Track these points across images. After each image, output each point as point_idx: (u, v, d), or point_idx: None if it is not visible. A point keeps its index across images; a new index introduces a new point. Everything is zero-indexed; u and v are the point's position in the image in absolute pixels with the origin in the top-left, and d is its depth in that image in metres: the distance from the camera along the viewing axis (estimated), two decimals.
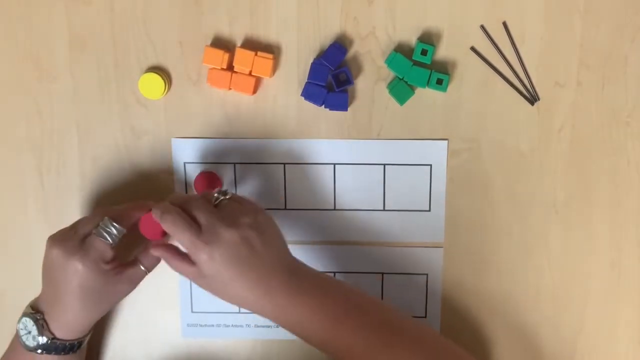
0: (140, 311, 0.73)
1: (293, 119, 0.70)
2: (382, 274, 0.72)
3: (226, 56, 0.67)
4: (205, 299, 0.72)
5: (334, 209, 0.71)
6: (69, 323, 0.64)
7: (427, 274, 0.72)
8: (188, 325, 0.73)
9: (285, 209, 0.71)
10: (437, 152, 0.70)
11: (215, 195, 0.62)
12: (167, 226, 0.60)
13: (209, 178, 0.70)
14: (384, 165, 0.70)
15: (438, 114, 0.69)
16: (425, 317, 0.72)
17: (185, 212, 0.60)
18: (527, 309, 0.72)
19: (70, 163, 0.71)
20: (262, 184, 0.71)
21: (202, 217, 0.59)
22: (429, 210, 0.71)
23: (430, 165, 0.70)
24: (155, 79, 0.67)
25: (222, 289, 0.60)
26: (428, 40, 0.68)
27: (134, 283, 0.65)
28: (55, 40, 0.69)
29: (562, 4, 0.67)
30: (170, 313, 0.73)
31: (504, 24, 0.68)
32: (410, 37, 0.68)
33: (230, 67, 0.68)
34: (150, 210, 0.62)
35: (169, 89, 0.69)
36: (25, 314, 0.65)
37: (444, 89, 0.67)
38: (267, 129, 0.70)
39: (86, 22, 0.69)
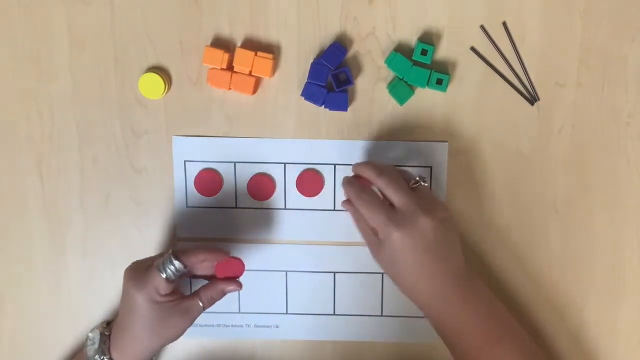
0: None
1: (293, 119, 0.70)
2: (382, 274, 0.72)
3: (226, 56, 0.67)
4: None
5: (334, 210, 0.71)
6: (126, 349, 0.64)
7: None
8: None
9: (285, 208, 0.71)
10: (437, 154, 0.70)
11: (417, 178, 0.63)
12: (361, 205, 0.62)
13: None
14: None
15: (438, 114, 0.69)
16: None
17: (377, 186, 0.63)
18: (527, 309, 0.72)
19: (70, 163, 0.71)
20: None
21: (398, 199, 0.61)
22: None
23: (431, 167, 0.70)
24: (155, 79, 0.67)
25: (402, 273, 0.61)
26: (428, 40, 0.68)
27: (190, 317, 0.64)
28: (55, 40, 0.69)
29: (562, 4, 0.67)
30: None
31: (504, 24, 0.68)
32: (410, 37, 0.68)
33: (230, 67, 0.68)
34: (226, 256, 0.64)
35: (169, 89, 0.69)
36: (98, 326, 0.66)
37: (444, 89, 0.67)
38: (267, 129, 0.70)
39: (86, 22, 0.69)
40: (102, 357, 0.63)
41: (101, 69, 0.69)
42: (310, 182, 0.70)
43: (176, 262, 0.62)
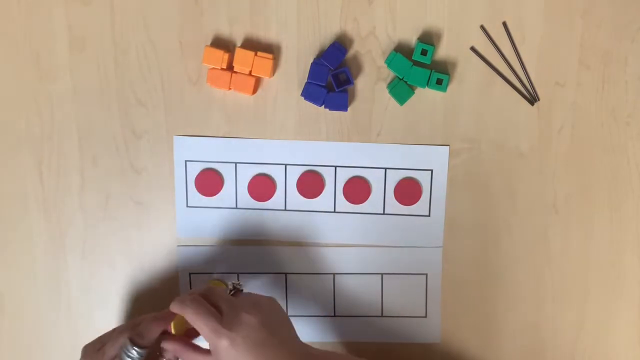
0: (140, 311, 0.73)
1: (293, 119, 0.70)
2: (382, 274, 0.72)
3: (226, 56, 0.67)
4: None
5: (334, 212, 0.71)
6: None
7: (426, 274, 0.72)
8: None
9: (285, 209, 0.71)
10: (438, 158, 0.70)
11: (231, 287, 0.64)
12: (189, 314, 0.59)
13: None
14: (385, 169, 0.70)
15: (438, 114, 0.69)
16: (426, 317, 0.72)
17: (205, 298, 0.61)
18: (527, 309, 0.72)
19: (70, 163, 0.71)
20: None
21: (223, 303, 0.60)
22: (429, 216, 0.71)
23: (432, 170, 0.70)
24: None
25: None
26: (428, 40, 0.68)
27: None
28: (55, 40, 0.69)
29: (562, 4, 0.67)
30: None
31: (504, 24, 0.68)
32: (410, 37, 0.68)
33: (230, 67, 0.68)
34: (174, 314, 0.61)
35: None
36: None
37: (444, 89, 0.67)
38: (267, 129, 0.70)
39: (86, 22, 0.69)
40: None
41: (101, 69, 0.69)
42: (311, 183, 0.70)
43: (138, 350, 0.60)
